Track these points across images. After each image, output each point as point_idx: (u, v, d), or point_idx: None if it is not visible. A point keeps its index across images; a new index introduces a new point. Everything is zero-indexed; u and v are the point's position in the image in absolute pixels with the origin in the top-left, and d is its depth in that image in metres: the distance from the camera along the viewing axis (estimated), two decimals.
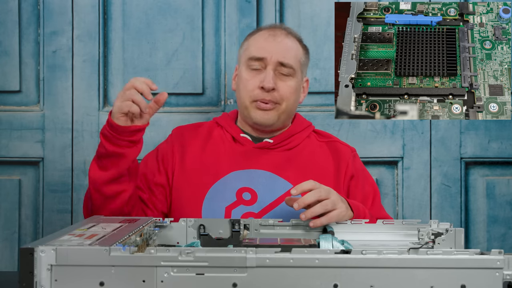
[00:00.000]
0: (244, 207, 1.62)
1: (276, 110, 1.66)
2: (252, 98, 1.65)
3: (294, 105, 1.70)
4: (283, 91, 1.65)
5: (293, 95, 1.68)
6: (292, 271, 0.99)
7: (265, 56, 1.65)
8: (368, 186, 1.71)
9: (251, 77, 1.66)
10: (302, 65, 1.71)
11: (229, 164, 1.66)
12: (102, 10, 2.12)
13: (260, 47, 1.67)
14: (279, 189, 1.63)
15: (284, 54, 1.66)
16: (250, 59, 1.67)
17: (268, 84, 1.63)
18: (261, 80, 1.64)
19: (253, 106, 1.66)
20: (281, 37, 1.69)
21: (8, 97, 2.12)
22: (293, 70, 1.67)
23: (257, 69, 1.66)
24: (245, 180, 1.65)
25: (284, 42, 1.68)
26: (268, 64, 1.65)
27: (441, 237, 1.31)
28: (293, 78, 1.68)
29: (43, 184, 2.10)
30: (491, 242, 2.09)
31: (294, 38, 1.72)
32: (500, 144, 2.10)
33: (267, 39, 1.68)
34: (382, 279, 0.99)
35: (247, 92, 1.66)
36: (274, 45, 1.67)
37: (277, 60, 1.65)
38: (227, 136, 1.72)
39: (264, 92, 1.64)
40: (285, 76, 1.66)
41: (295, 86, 1.68)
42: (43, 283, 0.99)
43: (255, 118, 1.67)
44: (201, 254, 0.99)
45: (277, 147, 1.70)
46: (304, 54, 1.73)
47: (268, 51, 1.65)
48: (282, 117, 1.68)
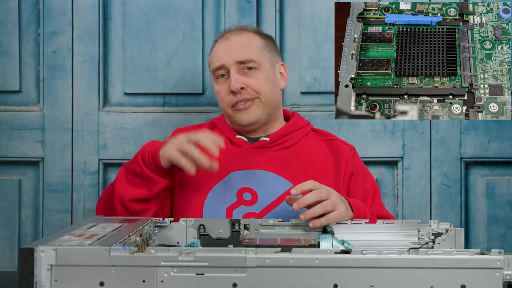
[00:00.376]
0: (245, 207, 1.62)
1: (256, 105, 1.67)
2: (229, 104, 1.67)
3: (273, 94, 1.70)
4: (254, 86, 1.66)
5: (266, 86, 1.67)
6: (292, 271, 0.99)
7: (223, 63, 1.67)
8: (368, 183, 1.71)
9: (221, 86, 1.68)
10: (266, 54, 1.70)
11: (229, 165, 1.66)
12: (102, 10, 2.12)
13: (217, 56, 1.69)
14: (279, 188, 1.63)
15: (239, 52, 1.66)
16: (213, 70, 1.70)
17: (234, 86, 1.64)
18: (229, 85, 1.65)
19: (233, 111, 1.67)
20: (232, 38, 1.70)
21: (8, 97, 2.12)
22: (255, 63, 1.67)
23: (224, 76, 1.68)
24: (245, 180, 1.65)
25: (236, 40, 1.69)
26: (229, 68, 1.66)
27: (441, 237, 1.31)
28: (260, 70, 1.67)
29: (43, 184, 2.10)
30: (491, 242, 2.09)
31: (248, 32, 1.72)
32: (500, 144, 2.10)
33: (221, 46, 1.70)
34: (382, 279, 0.99)
35: (223, 101, 1.68)
36: (228, 48, 1.68)
37: (234, 61, 1.66)
38: (224, 138, 1.72)
39: (236, 94, 1.65)
40: (251, 71, 1.67)
41: (265, 77, 1.68)
42: (43, 283, 0.99)
43: (239, 121, 1.67)
44: (201, 254, 0.99)
45: (274, 145, 1.70)
46: (265, 43, 1.72)
47: (224, 56, 1.67)
48: (265, 109, 1.68)
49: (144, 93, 2.12)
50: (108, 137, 2.11)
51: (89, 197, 2.10)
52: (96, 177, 2.10)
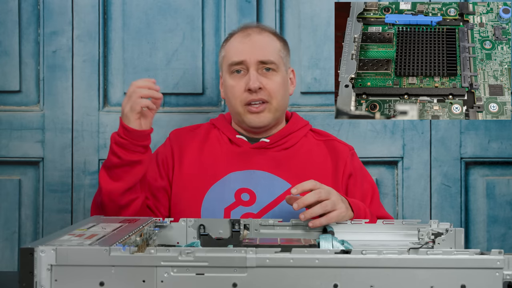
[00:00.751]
0: (243, 208, 1.62)
1: (268, 110, 1.66)
2: (242, 102, 1.65)
3: (284, 99, 1.70)
4: (270, 88, 1.65)
5: (281, 90, 1.67)
6: (292, 271, 0.99)
7: (244, 59, 1.65)
8: (367, 184, 1.71)
9: (236, 82, 1.66)
10: (283, 57, 1.70)
11: (227, 166, 1.66)
12: (102, 10, 2.12)
13: (237, 51, 1.67)
14: (277, 189, 1.63)
15: (262, 52, 1.66)
16: (231, 65, 1.67)
17: (253, 85, 1.63)
18: (246, 82, 1.64)
19: (245, 110, 1.66)
20: (255, 36, 1.69)
21: (8, 97, 2.12)
22: (275, 65, 1.67)
23: (240, 73, 1.66)
24: (244, 181, 1.65)
25: (259, 39, 1.68)
26: (250, 66, 1.65)
27: (441, 237, 1.31)
28: (278, 73, 1.67)
29: (43, 184, 2.10)
30: (491, 242, 2.09)
31: (269, 33, 1.72)
32: (500, 144, 2.10)
33: (242, 41, 1.68)
34: (382, 279, 0.99)
35: (236, 98, 1.66)
36: (251, 45, 1.66)
37: (257, 60, 1.65)
38: (223, 137, 1.72)
39: (252, 93, 1.64)
40: (269, 72, 1.66)
41: (282, 81, 1.68)
42: (43, 283, 0.99)
43: (249, 122, 1.67)
44: (201, 254, 0.99)
45: (274, 146, 1.70)
46: (283, 46, 1.72)
47: (246, 53, 1.65)
48: (276, 114, 1.68)
49: None
50: (108, 137, 2.11)
51: (89, 197, 2.10)
52: (96, 177, 2.10)
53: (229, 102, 1.71)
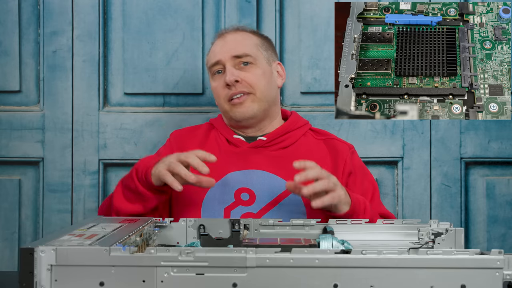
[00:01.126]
0: (242, 207, 1.62)
1: (252, 100, 1.67)
2: (225, 98, 1.68)
3: (269, 90, 1.71)
4: (249, 80, 1.67)
5: (262, 81, 1.69)
6: (292, 271, 0.99)
7: (219, 58, 1.68)
8: (367, 182, 1.71)
9: (217, 82, 1.70)
10: (261, 50, 1.72)
11: (226, 166, 1.66)
12: (102, 10, 2.12)
13: (214, 53, 1.72)
14: (277, 188, 1.64)
15: (235, 47, 1.69)
16: (210, 67, 1.72)
17: (229, 78, 1.65)
18: (224, 79, 1.67)
19: (230, 106, 1.68)
20: (229, 36, 1.72)
21: (8, 97, 2.12)
22: (251, 57, 1.69)
23: (220, 73, 1.69)
24: (243, 180, 1.65)
25: (233, 37, 1.72)
26: (225, 63, 1.68)
27: (441, 237, 1.31)
28: (256, 65, 1.69)
29: (43, 184, 2.10)
30: (491, 242, 2.09)
31: (244, 31, 1.75)
32: (500, 144, 2.10)
33: (218, 44, 1.73)
34: (382, 279, 0.99)
35: (219, 96, 1.70)
36: (225, 45, 1.70)
37: (230, 56, 1.68)
38: (221, 138, 1.73)
39: (231, 87, 1.66)
40: (247, 66, 1.68)
41: (261, 72, 1.69)
42: (43, 283, 0.99)
43: (235, 116, 1.68)
44: (201, 254, 0.99)
45: (272, 145, 1.70)
46: (262, 42, 1.75)
47: (220, 52, 1.69)
48: (261, 105, 1.69)
49: (144, 93, 2.12)
50: (108, 137, 2.11)
51: (89, 197, 2.10)
52: (96, 177, 2.10)
53: (217, 103, 1.74)
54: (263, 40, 1.76)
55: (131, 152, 2.11)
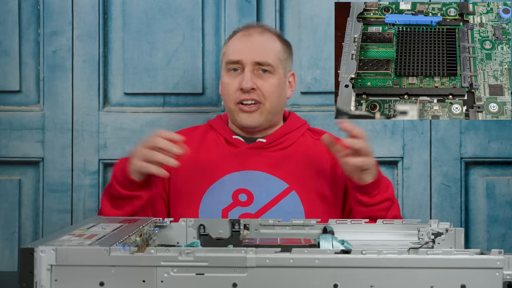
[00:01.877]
0: (240, 208, 1.62)
1: (260, 111, 1.66)
2: (235, 100, 1.66)
3: (279, 102, 1.70)
4: (264, 90, 1.65)
5: (275, 93, 1.67)
6: (292, 271, 0.99)
7: (240, 58, 1.65)
8: None
9: (231, 80, 1.66)
10: (282, 60, 1.70)
11: (224, 167, 1.66)
12: (102, 10, 2.12)
13: (236, 49, 1.67)
14: (275, 189, 1.63)
15: (259, 53, 1.66)
16: (227, 63, 1.68)
17: (246, 85, 1.62)
18: (240, 81, 1.64)
19: (237, 109, 1.66)
20: (255, 36, 1.69)
21: (8, 97, 2.12)
22: (272, 67, 1.66)
23: (236, 71, 1.67)
24: (241, 181, 1.65)
25: (259, 40, 1.68)
26: (245, 65, 1.65)
27: (441, 237, 1.31)
28: (274, 75, 1.67)
29: (43, 184, 2.10)
30: (491, 242, 2.09)
31: (270, 34, 1.71)
32: (500, 144, 2.10)
33: (241, 40, 1.68)
34: (382, 279, 0.99)
35: (229, 95, 1.67)
36: (249, 46, 1.66)
37: (253, 60, 1.65)
38: (220, 138, 1.72)
39: (245, 93, 1.64)
40: (265, 74, 1.66)
41: (277, 83, 1.67)
42: (43, 283, 0.99)
43: (240, 121, 1.67)
44: (201, 254, 0.99)
45: (271, 146, 1.70)
46: (284, 49, 1.72)
47: (243, 53, 1.66)
48: (268, 117, 1.68)
49: (144, 93, 2.12)
50: (108, 137, 2.11)
51: (89, 197, 2.10)
52: (96, 177, 2.10)
53: (223, 99, 1.72)
54: (286, 47, 1.73)
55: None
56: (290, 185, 1.63)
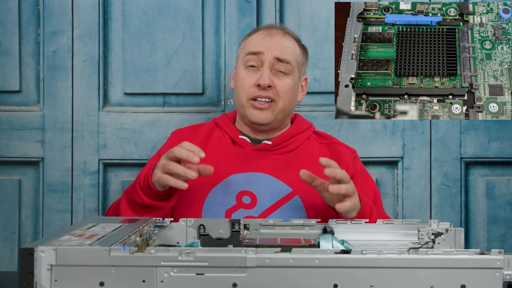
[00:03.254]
0: (244, 210, 1.62)
1: (272, 109, 1.66)
2: (249, 96, 1.65)
3: (291, 103, 1.70)
4: (279, 88, 1.65)
5: (289, 93, 1.67)
6: (292, 271, 0.99)
7: (261, 51, 1.65)
8: (368, 187, 1.71)
9: (248, 75, 1.66)
10: (299, 64, 1.71)
11: (229, 167, 1.66)
12: (102, 10, 2.12)
13: (257, 43, 1.68)
14: (278, 192, 1.63)
15: (280, 50, 1.66)
16: (247, 54, 1.67)
17: (264, 81, 1.62)
18: (257, 78, 1.64)
19: (249, 104, 1.66)
20: (278, 36, 1.69)
21: (8, 97, 2.12)
22: (290, 66, 1.66)
23: (254, 68, 1.66)
24: (245, 183, 1.64)
25: (281, 40, 1.69)
26: (265, 61, 1.65)
27: (441, 237, 1.31)
28: (290, 76, 1.67)
29: (43, 184, 2.10)
30: (491, 242, 2.09)
31: (291, 37, 1.72)
32: (500, 144, 2.10)
33: (264, 38, 1.69)
34: (382, 279, 0.99)
35: (244, 90, 1.66)
36: (271, 43, 1.67)
37: (273, 56, 1.65)
38: (226, 137, 1.72)
39: (261, 89, 1.64)
40: (282, 73, 1.66)
41: (292, 84, 1.68)
42: (43, 283, 0.99)
43: (251, 117, 1.66)
44: (201, 254, 0.99)
45: (276, 149, 1.69)
46: (302, 53, 1.73)
47: (265, 47, 1.66)
48: (279, 116, 1.68)
49: (144, 93, 2.12)
50: (108, 137, 2.11)
51: (89, 197, 2.10)
52: (96, 177, 2.10)
53: (236, 93, 1.71)
54: (304, 53, 1.74)
55: (131, 152, 2.11)
56: (294, 190, 1.63)
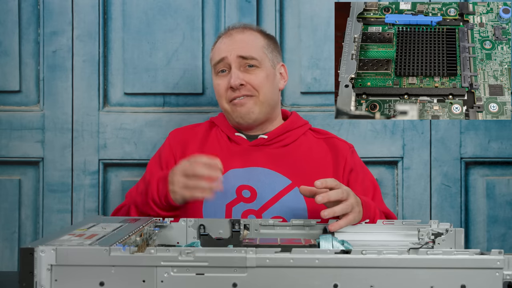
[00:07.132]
0: (244, 204, 1.63)
1: (254, 102, 1.68)
2: (227, 99, 1.69)
3: (272, 92, 1.71)
4: (254, 83, 1.67)
5: (266, 84, 1.69)
6: (292, 271, 0.99)
7: (224, 56, 1.68)
8: (368, 181, 1.72)
9: (221, 80, 1.70)
10: (267, 54, 1.72)
11: (227, 163, 1.66)
12: (102, 10, 2.11)
13: (220, 50, 1.71)
14: (278, 185, 1.64)
15: (242, 48, 1.68)
16: (214, 64, 1.71)
17: (234, 82, 1.65)
18: (229, 80, 1.67)
19: (230, 106, 1.69)
20: (236, 35, 1.72)
21: (8, 97, 2.12)
22: (257, 61, 1.69)
23: (225, 72, 1.69)
24: (244, 178, 1.65)
25: (240, 37, 1.71)
26: (231, 63, 1.67)
27: (441, 237, 1.31)
28: (261, 68, 1.69)
29: (43, 184, 2.10)
30: (491, 242, 2.09)
31: (252, 31, 1.74)
32: (500, 144, 2.10)
33: (223, 41, 1.72)
34: (382, 279, 0.99)
35: (221, 95, 1.70)
36: (231, 43, 1.70)
37: (236, 55, 1.67)
38: (223, 136, 1.74)
39: (235, 91, 1.67)
40: (252, 69, 1.68)
41: (266, 75, 1.70)
42: (43, 283, 0.99)
43: (237, 116, 1.69)
44: (201, 254, 0.99)
45: (273, 143, 1.71)
46: (268, 43, 1.74)
47: (227, 50, 1.69)
48: (263, 108, 1.69)
49: (144, 93, 2.12)
50: (108, 137, 2.11)
51: (89, 197, 2.10)
52: (96, 177, 2.10)
53: (218, 101, 1.74)
54: (269, 41, 1.75)
55: (131, 152, 2.11)
56: (293, 182, 1.64)
